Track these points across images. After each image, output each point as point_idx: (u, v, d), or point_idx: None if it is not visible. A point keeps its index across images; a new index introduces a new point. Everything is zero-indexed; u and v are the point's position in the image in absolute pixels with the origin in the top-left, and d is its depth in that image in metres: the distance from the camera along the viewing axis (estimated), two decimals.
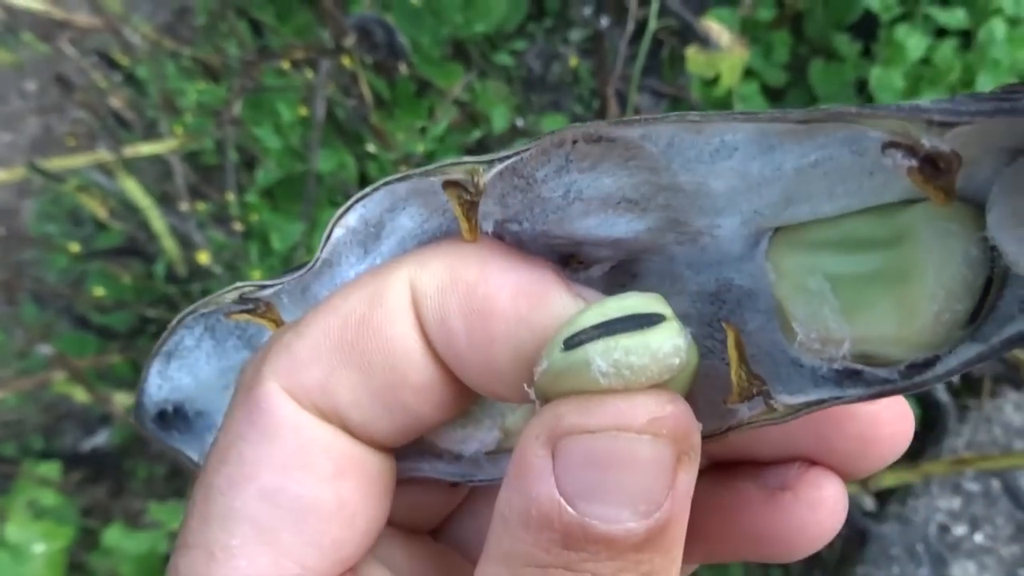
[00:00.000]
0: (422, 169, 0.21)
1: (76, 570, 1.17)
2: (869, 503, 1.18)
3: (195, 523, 0.21)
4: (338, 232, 0.22)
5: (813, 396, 0.19)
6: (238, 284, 0.24)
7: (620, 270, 0.23)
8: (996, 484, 1.04)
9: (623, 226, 0.21)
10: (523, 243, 0.22)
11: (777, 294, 0.20)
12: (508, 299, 0.20)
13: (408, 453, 0.24)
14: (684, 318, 0.20)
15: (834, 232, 0.19)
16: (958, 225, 0.17)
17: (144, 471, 1.46)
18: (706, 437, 0.20)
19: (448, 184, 0.19)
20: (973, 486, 1.09)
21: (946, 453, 1.08)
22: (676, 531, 0.19)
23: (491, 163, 0.19)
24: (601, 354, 0.18)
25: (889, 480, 0.89)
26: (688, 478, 0.19)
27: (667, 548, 0.19)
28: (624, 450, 0.18)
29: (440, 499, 0.28)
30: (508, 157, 0.19)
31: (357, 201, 0.22)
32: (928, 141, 0.16)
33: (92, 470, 1.46)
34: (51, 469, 1.21)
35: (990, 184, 0.17)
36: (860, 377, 0.19)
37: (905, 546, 1.12)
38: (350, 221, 0.22)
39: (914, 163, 0.16)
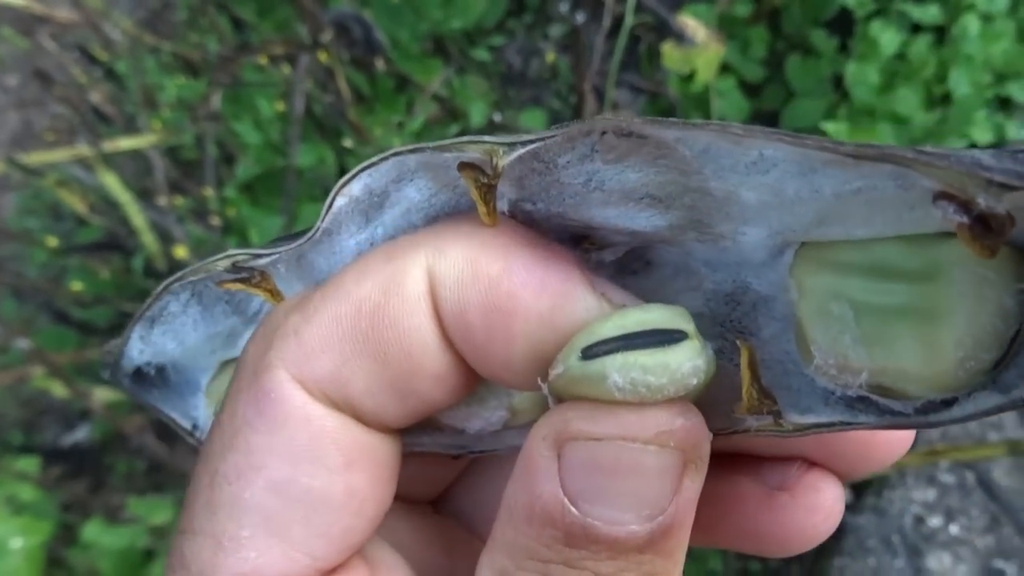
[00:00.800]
0: (436, 143, 0.20)
1: (55, 565, 1.17)
2: (845, 495, 1.19)
3: (200, 509, 0.21)
4: (340, 201, 0.21)
5: (823, 418, 0.19)
6: (230, 251, 0.23)
7: (633, 255, 0.23)
8: (970, 476, 1.05)
9: (643, 220, 0.20)
10: (535, 222, 0.21)
11: (799, 312, 0.19)
12: (531, 297, 0.20)
13: (411, 428, 0.24)
14: (697, 316, 0.19)
15: (863, 255, 0.18)
16: (995, 273, 0.16)
17: (124, 466, 1.46)
18: (714, 435, 0.20)
19: (464, 166, 0.19)
20: (948, 478, 1.10)
21: (921, 445, 1.09)
22: (680, 535, 0.19)
23: (512, 146, 0.19)
24: (619, 369, 0.17)
25: None
26: (694, 484, 0.19)
27: (670, 551, 0.19)
28: (629, 459, 0.18)
29: (441, 470, 0.27)
30: (532, 142, 0.19)
31: (363, 170, 0.21)
32: (984, 200, 0.15)
33: (72, 465, 1.46)
34: (30, 464, 1.21)
35: None
36: (872, 405, 0.18)
37: (881, 538, 1.13)
38: (354, 190, 0.21)
39: (966, 220, 0.15)
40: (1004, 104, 1.20)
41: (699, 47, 1.05)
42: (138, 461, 1.46)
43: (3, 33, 1.43)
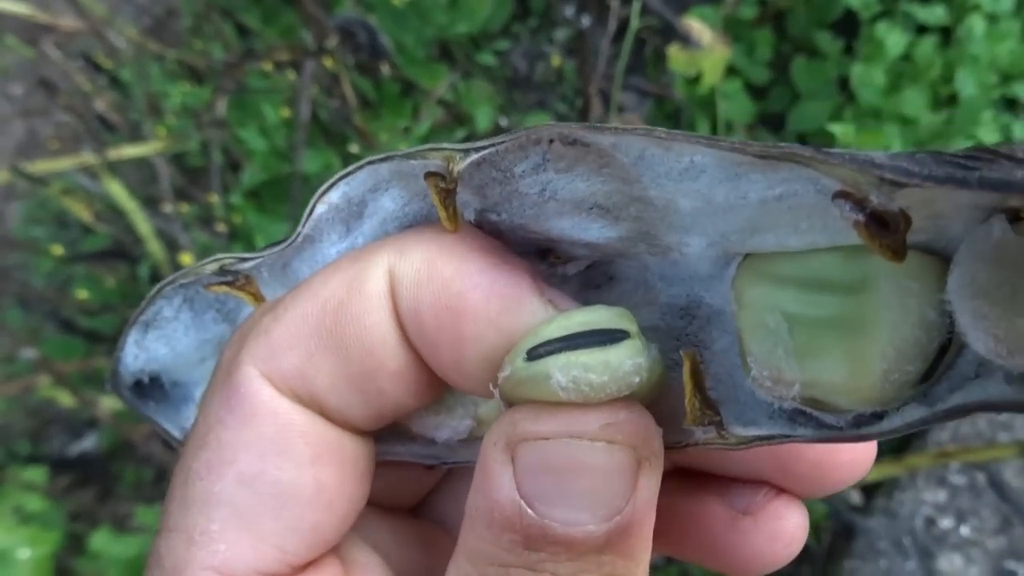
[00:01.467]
0: (404, 151, 0.21)
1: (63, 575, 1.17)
2: (856, 497, 1.18)
3: (175, 507, 0.21)
4: (320, 208, 0.22)
5: (764, 431, 0.19)
6: (218, 256, 0.23)
7: (597, 270, 0.23)
8: (981, 477, 1.04)
9: (595, 231, 0.21)
10: (502, 233, 0.22)
11: (738, 324, 0.19)
12: (480, 300, 0.20)
13: (385, 436, 0.24)
14: (653, 330, 0.20)
15: (799, 268, 0.18)
16: (919, 284, 0.16)
17: (132, 475, 1.45)
18: (666, 448, 0.20)
19: (428, 174, 0.19)
20: (959, 479, 1.09)
21: (931, 446, 1.08)
22: (639, 535, 0.19)
23: (467, 152, 0.19)
24: (561, 369, 0.18)
25: (875, 474, 0.90)
26: (650, 483, 0.19)
27: (630, 551, 0.19)
28: (578, 456, 0.18)
29: (419, 479, 0.28)
30: (484, 148, 0.19)
31: (341, 179, 0.22)
32: (876, 198, 0.15)
33: (79, 474, 1.46)
34: (37, 474, 1.21)
35: (960, 240, 0.16)
36: (810, 418, 0.18)
37: (892, 540, 1.13)
38: (333, 198, 0.22)
39: (860, 218, 0.15)
40: (1010, 104, 1.19)
41: (705, 50, 1.05)
42: (146, 470, 1.46)
43: (7, 42, 1.43)
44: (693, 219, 0.19)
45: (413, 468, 0.26)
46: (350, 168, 0.22)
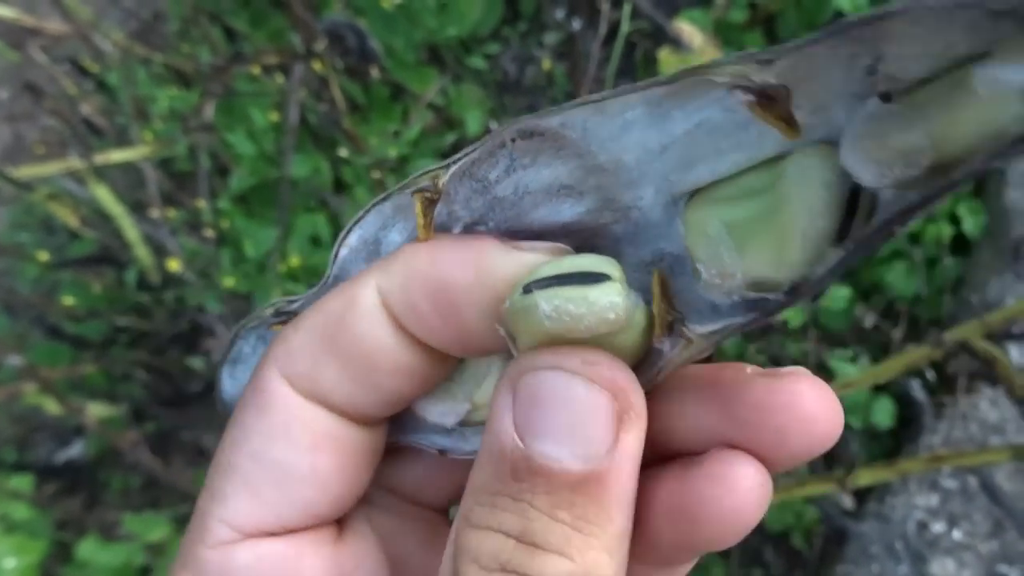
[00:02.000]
0: (399, 185, 0.24)
1: None
2: (847, 502, 1.18)
3: (211, 470, 0.26)
4: (343, 252, 0.26)
5: (721, 323, 0.22)
6: (274, 300, 0.29)
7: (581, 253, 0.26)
8: (973, 481, 1.04)
9: (567, 211, 0.23)
10: None
11: (686, 243, 0.23)
12: (458, 270, 0.23)
13: (406, 427, 0.28)
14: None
15: (731, 188, 0.22)
16: (818, 159, 0.20)
17: (119, 482, 1.44)
18: (645, 389, 0.22)
19: (416, 191, 0.22)
20: (951, 483, 1.09)
21: (923, 450, 1.08)
22: (615, 488, 0.21)
23: (447, 166, 0.22)
24: (546, 299, 0.21)
25: (866, 478, 0.89)
26: (632, 440, 0.21)
27: (604, 501, 0.20)
28: (560, 388, 0.21)
29: (450, 478, 0.30)
30: (460, 159, 0.22)
31: (355, 224, 0.25)
32: (758, 76, 0.18)
33: (66, 482, 1.44)
34: (23, 482, 1.20)
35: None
36: (757, 303, 0.21)
37: (884, 544, 1.13)
38: (351, 241, 0.26)
39: (752, 98, 0.19)
40: None
41: (696, 53, 1.05)
42: (133, 477, 1.44)
43: None
44: (639, 171, 0.22)
45: (444, 468, 0.29)
46: (360, 214, 0.25)
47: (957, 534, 1.10)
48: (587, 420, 0.20)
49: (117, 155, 1.19)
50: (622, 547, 0.21)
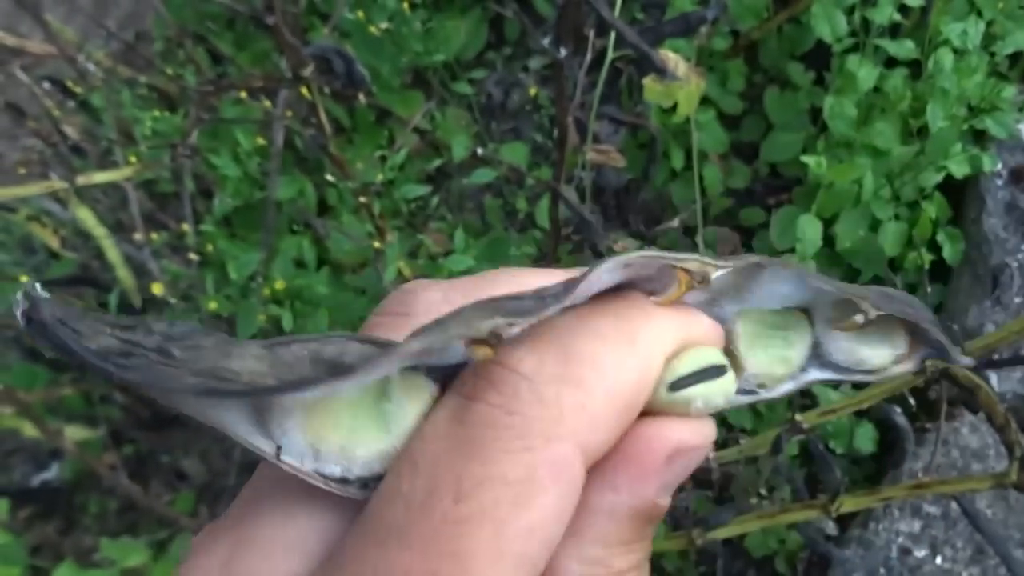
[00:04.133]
0: (653, 253, 0.26)
1: None
2: (831, 527, 1.18)
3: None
4: (598, 277, 0.27)
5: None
6: (485, 308, 0.27)
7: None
8: (955, 507, 1.05)
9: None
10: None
11: (739, 345, 0.30)
12: (642, 387, 0.25)
13: None
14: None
15: (765, 318, 0.30)
16: (802, 324, 0.30)
17: (96, 506, 1.42)
18: None
19: (683, 271, 0.26)
20: (933, 509, 1.10)
21: (906, 476, 1.09)
22: None
23: (716, 267, 0.27)
24: (701, 397, 0.25)
25: (850, 505, 0.89)
26: None
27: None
28: (695, 461, 0.26)
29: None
30: (724, 267, 0.27)
31: (608, 263, 0.27)
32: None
33: (42, 506, 1.42)
34: (0, 507, 1.17)
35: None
36: (755, 392, 0.30)
37: (868, 570, 1.13)
38: (602, 277, 0.27)
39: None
40: (979, 136, 1.21)
41: (680, 81, 1.06)
42: (110, 501, 1.42)
43: None
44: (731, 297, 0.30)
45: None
46: (622, 258, 0.26)
47: (939, 560, 1.11)
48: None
49: (100, 176, 1.18)
50: None
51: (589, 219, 1.11)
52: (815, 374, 0.31)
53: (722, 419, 1.25)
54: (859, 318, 0.28)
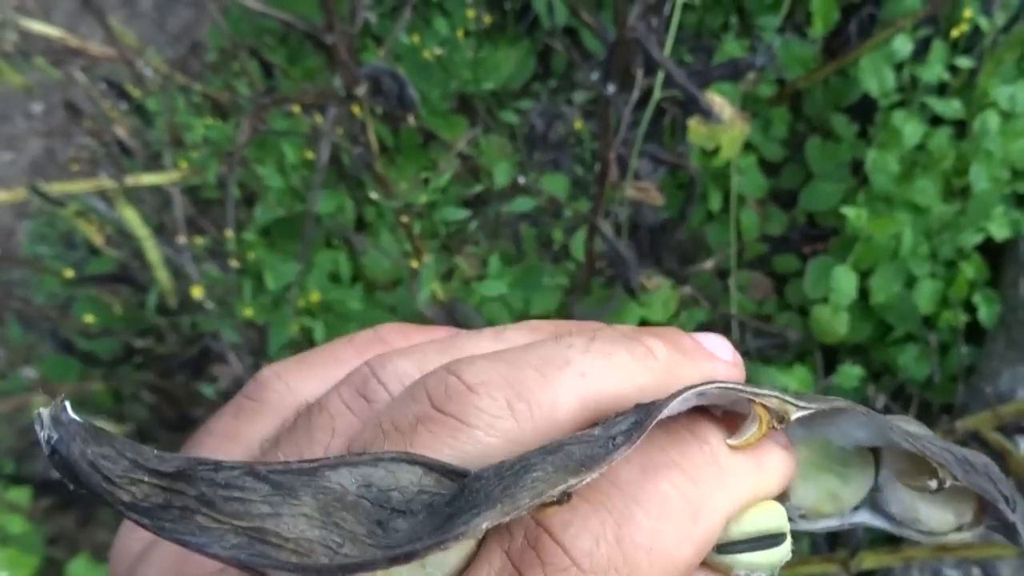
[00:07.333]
0: (724, 385, 0.25)
1: None
2: None
3: None
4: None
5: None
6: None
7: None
8: (976, 571, 1.03)
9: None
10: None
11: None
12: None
13: None
14: None
15: (827, 449, 0.29)
16: (865, 465, 0.29)
17: None
18: None
19: (761, 407, 0.25)
20: (953, 572, 1.08)
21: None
22: None
23: (797, 406, 0.25)
24: (744, 566, 0.24)
25: (871, 562, 0.89)
26: None
27: None
28: None
29: None
30: (808, 408, 0.25)
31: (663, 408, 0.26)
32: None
33: (61, 498, 1.43)
34: (21, 495, 1.19)
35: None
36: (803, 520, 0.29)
37: None
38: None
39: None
40: (1021, 201, 1.21)
41: (725, 124, 1.07)
42: None
43: (37, 62, 1.45)
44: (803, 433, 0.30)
45: None
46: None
47: None
48: None
49: (148, 178, 1.21)
50: None
51: (624, 255, 1.12)
52: (864, 517, 0.29)
53: None
54: (932, 484, 0.26)
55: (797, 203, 1.37)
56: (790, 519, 0.27)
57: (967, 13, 1.17)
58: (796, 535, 0.28)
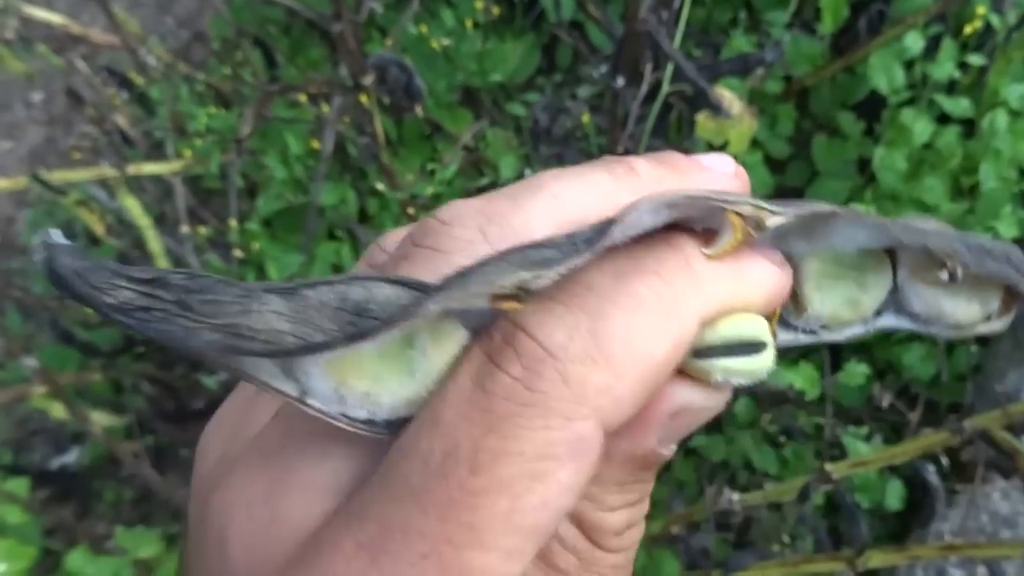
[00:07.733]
0: (699, 193, 0.24)
1: None
2: None
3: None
4: (636, 219, 0.26)
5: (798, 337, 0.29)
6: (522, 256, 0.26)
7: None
8: (982, 570, 1.03)
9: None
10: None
11: (803, 286, 0.28)
12: (671, 360, 0.24)
13: None
14: None
15: (838, 258, 0.28)
16: (886, 268, 0.28)
17: (112, 494, 1.42)
18: None
19: (736, 215, 0.24)
20: (957, 572, 1.08)
21: (933, 536, 1.07)
22: None
23: (772, 211, 0.24)
24: (720, 370, 0.24)
25: (876, 560, 0.88)
26: None
27: None
28: (706, 418, 0.25)
29: None
30: (779, 214, 0.24)
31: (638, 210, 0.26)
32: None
33: (59, 489, 1.42)
34: (19, 486, 1.18)
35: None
36: (815, 332, 0.28)
37: None
38: (643, 218, 0.25)
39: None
40: None
41: (734, 120, 1.06)
42: (126, 490, 1.43)
43: (38, 50, 1.43)
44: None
45: None
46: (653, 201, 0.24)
47: None
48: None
49: (150, 167, 1.20)
50: None
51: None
52: (890, 320, 0.28)
53: (746, 462, 1.23)
54: (943, 276, 0.25)
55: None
56: (812, 331, 0.28)
57: (980, 10, 1.17)
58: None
